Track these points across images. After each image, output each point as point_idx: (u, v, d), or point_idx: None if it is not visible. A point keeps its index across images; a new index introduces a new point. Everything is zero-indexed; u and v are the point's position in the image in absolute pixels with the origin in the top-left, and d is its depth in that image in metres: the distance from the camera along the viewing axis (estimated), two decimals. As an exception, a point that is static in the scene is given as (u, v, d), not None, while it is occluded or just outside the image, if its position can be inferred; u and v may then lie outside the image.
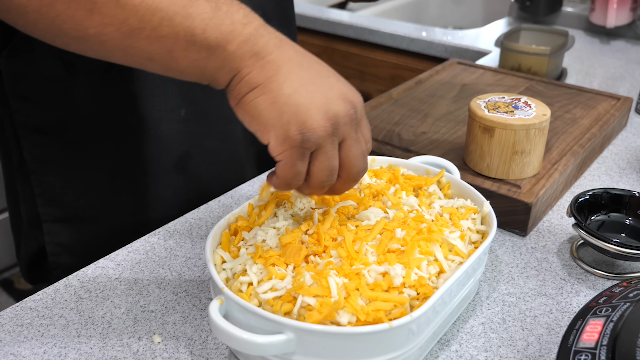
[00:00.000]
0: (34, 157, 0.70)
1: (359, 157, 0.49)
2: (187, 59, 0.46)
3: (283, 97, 0.45)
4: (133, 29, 0.44)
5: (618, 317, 0.44)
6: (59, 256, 0.75)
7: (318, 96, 0.46)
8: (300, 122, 0.45)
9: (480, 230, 0.56)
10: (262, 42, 0.46)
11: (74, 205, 0.73)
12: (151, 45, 0.45)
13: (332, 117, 0.46)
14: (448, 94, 0.94)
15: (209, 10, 0.45)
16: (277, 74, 0.45)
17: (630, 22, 1.35)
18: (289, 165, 0.46)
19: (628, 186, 0.77)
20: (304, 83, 0.46)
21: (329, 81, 0.48)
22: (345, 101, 0.47)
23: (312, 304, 0.45)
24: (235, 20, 0.46)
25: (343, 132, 0.47)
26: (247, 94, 0.46)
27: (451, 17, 1.86)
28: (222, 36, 0.45)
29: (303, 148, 0.45)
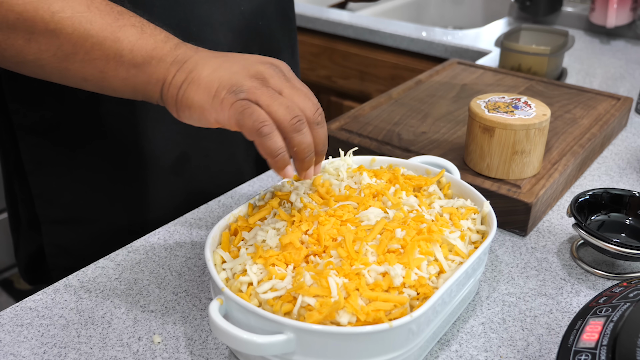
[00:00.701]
0: (31, 159, 0.70)
1: (304, 99, 0.50)
2: (118, 77, 0.51)
3: (204, 77, 0.49)
4: (68, 54, 0.50)
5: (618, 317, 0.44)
6: (58, 257, 0.75)
7: (236, 66, 0.50)
8: (227, 85, 0.48)
9: (480, 230, 0.56)
10: (180, 52, 0.51)
11: (72, 206, 0.73)
12: (85, 67, 0.51)
13: (255, 73, 0.49)
14: (448, 94, 0.94)
15: (134, 34, 0.51)
16: (195, 67, 0.50)
17: (630, 22, 1.35)
18: (241, 117, 0.47)
19: (628, 186, 0.77)
20: (220, 63, 0.50)
21: (244, 57, 0.51)
22: (264, 63, 0.51)
23: (312, 304, 0.45)
24: (157, 39, 0.51)
25: (274, 84, 0.49)
26: (177, 93, 0.50)
27: (451, 17, 1.86)
28: (147, 54, 0.50)
29: (241, 100, 0.47)
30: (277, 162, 0.49)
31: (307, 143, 0.50)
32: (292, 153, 0.50)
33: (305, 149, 0.50)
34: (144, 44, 0.51)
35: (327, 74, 1.58)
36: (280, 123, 0.48)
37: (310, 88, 0.54)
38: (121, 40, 0.50)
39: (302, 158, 0.50)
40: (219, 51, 0.53)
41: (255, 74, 0.49)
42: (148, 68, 0.51)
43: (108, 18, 0.50)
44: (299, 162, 0.51)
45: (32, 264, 0.79)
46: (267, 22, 0.79)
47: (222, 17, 0.73)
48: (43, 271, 0.78)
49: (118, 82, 0.51)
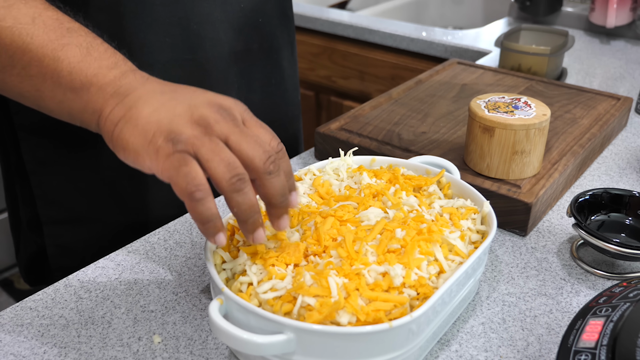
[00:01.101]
0: (33, 159, 0.70)
1: (252, 147, 0.44)
2: (54, 99, 0.47)
3: (143, 118, 0.44)
4: (4, 66, 0.47)
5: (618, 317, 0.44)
6: (60, 258, 0.75)
7: (180, 108, 0.44)
8: (165, 131, 0.43)
9: (480, 230, 0.56)
10: (125, 83, 0.46)
11: (74, 206, 0.73)
12: (22, 83, 0.48)
13: (198, 119, 0.44)
14: (448, 94, 0.94)
15: (77, 55, 0.47)
16: (135, 103, 0.45)
17: (630, 22, 1.35)
18: (175, 173, 0.42)
19: (628, 186, 0.77)
20: (164, 102, 0.45)
21: (193, 95, 0.46)
22: (211, 104, 0.45)
23: (312, 304, 0.45)
24: (102, 65, 0.47)
25: (220, 130, 0.43)
26: (113, 130, 0.45)
27: (451, 17, 1.86)
28: (87, 79, 0.46)
29: (177, 152, 0.42)
30: (207, 229, 0.44)
31: (248, 204, 0.44)
32: (234, 214, 0.45)
33: (245, 210, 0.44)
34: (85, 67, 0.46)
35: (327, 74, 1.58)
36: (219, 182, 0.43)
37: (310, 88, 0.52)
38: (61, 60, 0.46)
39: (244, 219, 0.45)
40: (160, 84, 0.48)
41: (198, 119, 0.44)
42: (85, 95, 0.46)
43: (52, 34, 0.47)
44: (242, 224, 0.45)
45: (33, 264, 0.79)
46: (267, 20, 0.79)
47: (222, 15, 0.73)
48: (44, 272, 0.78)
49: (54, 104, 0.48)
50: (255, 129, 0.46)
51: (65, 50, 0.46)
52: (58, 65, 0.46)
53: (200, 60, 0.73)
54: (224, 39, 0.74)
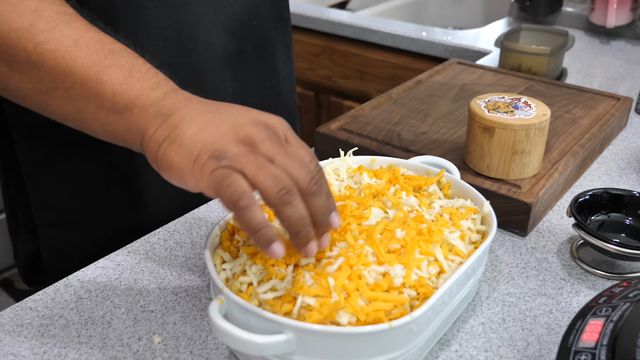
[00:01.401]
0: (27, 161, 0.70)
1: (297, 167, 0.44)
2: (97, 121, 0.47)
3: (188, 138, 0.44)
4: (48, 89, 0.47)
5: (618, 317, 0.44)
6: (54, 260, 0.75)
7: (225, 127, 0.44)
8: (210, 150, 0.43)
9: (480, 230, 0.56)
10: (167, 103, 0.46)
11: (69, 208, 0.73)
12: (65, 105, 0.47)
13: (244, 137, 0.44)
14: (448, 94, 0.94)
15: (120, 76, 0.46)
16: (179, 123, 0.45)
17: (630, 22, 1.35)
18: (219, 186, 0.42)
19: (628, 186, 0.77)
20: (208, 121, 0.45)
21: (237, 114, 0.46)
22: (256, 123, 0.45)
23: (312, 304, 0.45)
24: (145, 85, 0.47)
25: (265, 150, 0.43)
26: (158, 150, 0.45)
27: (451, 17, 1.86)
28: (130, 100, 0.46)
29: (223, 168, 0.42)
30: (259, 239, 0.43)
31: (299, 216, 0.43)
32: (285, 227, 0.44)
33: (296, 223, 0.43)
34: (128, 88, 0.46)
35: (327, 74, 1.58)
36: (267, 195, 0.42)
37: (310, 88, 0.52)
38: (104, 82, 0.46)
39: (296, 233, 0.44)
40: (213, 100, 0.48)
41: (244, 137, 0.44)
42: (129, 116, 0.46)
43: (95, 56, 0.47)
44: (293, 238, 0.45)
45: (31, 265, 0.79)
46: (261, 22, 0.79)
47: (215, 18, 0.72)
48: (42, 273, 0.78)
49: (97, 125, 0.48)
50: (297, 149, 0.46)
51: (108, 72, 0.46)
52: (101, 87, 0.46)
53: (193, 64, 0.72)
54: (217, 42, 0.73)
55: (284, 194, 0.42)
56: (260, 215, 0.43)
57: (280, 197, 0.42)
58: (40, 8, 0.47)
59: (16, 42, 0.46)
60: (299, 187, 0.44)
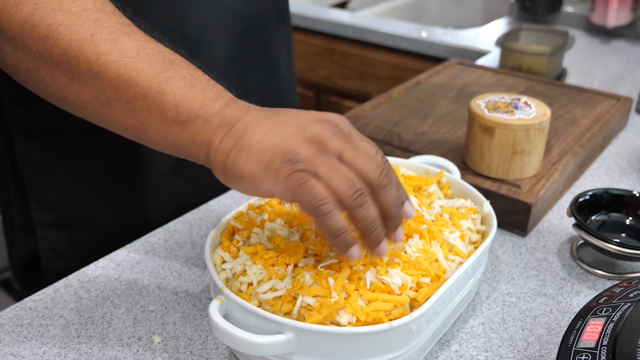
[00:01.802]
0: (27, 162, 0.70)
1: (367, 162, 0.45)
2: (159, 132, 0.47)
3: (255, 144, 0.44)
4: (109, 100, 0.46)
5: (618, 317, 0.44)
6: (53, 261, 0.74)
7: (290, 129, 0.45)
8: (281, 153, 0.43)
9: (480, 230, 0.56)
10: (229, 113, 0.46)
11: (68, 210, 0.73)
12: (125, 116, 0.47)
13: (311, 137, 0.44)
14: (448, 94, 0.94)
15: (182, 87, 0.46)
16: (244, 131, 0.45)
17: (631, 22, 1.35)
18: (299, 192, 0.43)
19: (628, 186, 0.77)
20: (272, 126, 0.45)
21: (297, 116, 0.47)
22: (320, 122, 0.45)
23: (312, 304, 0.45)
24: (206, 96, 0.47)
25: (334, 147, 0.44)
26: (226, 160, 0.45)
27: (451, 17, 1.86)
28: (193, 111, 0.46)
29: (298, 172, 0.43)
30: (338, 244, 0.44)
31: (372, 218, 0.44)
32: (358, 229, 0.45)
33: (369, 224, 0.44)
34: (191, 99, 0.46)
35: (327, 74, 1.58)
36: (342, 199, 0.43)
37: (310, 88, 0.52)
38: (167, 93, 0.46)
39: (369, 234, 0.45)
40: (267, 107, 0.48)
41: (311, 137, 0.44)
42: (192, 127, 0.46)
43: (157, 67, 0.46)
44: (366, 239, 0.45)
45: (26, 268, 0.78)
46: (263, 23, 0.79)
47: (218, 20, 0.72)
48: (37, 275, 0.77)
49: (158, 137, 0.47)
50: (361, 143, 0.46)
51: (171, 83, 0.46)
52: (164, 98, 0.46)
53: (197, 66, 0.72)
54: (220, 44, 0.73)
55: (357, 197, 0.43)
56: (340, 221, 0.43)
57: (354, 200, 0.43)
58: (101, 18, 0.47)
59: (78, 53, 0.46)
60: (370, 182, 0.44)
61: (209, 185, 0.79)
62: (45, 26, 0.46)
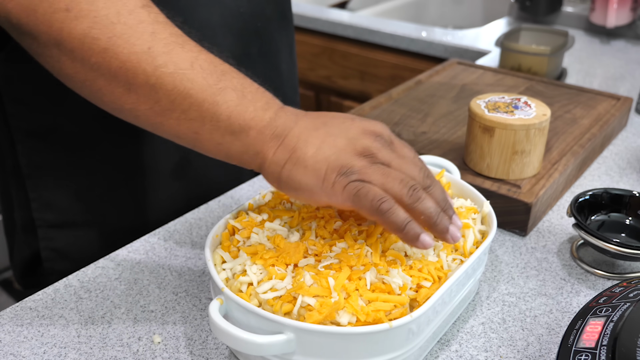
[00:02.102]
0: (29, 162, 0.70)
1: (412, 167, 0.48)
2: (212, 141, 0.49)
3: (310, 158, 0.47)
4: (164, 110, 0.48)
5: (618, 317, 0.44)
6: (54, 262, 0.74)
7: (340, 142, 0.48)
8: (336, 167, 0.46)
9: (480, 230, 0.56)
10: (280, 123, 0.48)
11: (70, 210, 0.73)
12: (180, 125, 0.49)
13: (362, 150, 0.47)
14: (448, 94, 0.94)
15: (234, 98, 0.48)
16: (297, 144, 0.47)
17: (631, 22, 1.35)
18: (357, 198, 0.46)
19: (628, 186, 0.77)
20: (323, 139, 0.48)
21: (344, 126, 0.49)
22: (366, 134, 0.49)
23: (312, 304, 0.45)
24: (257, 107, 0.49)
25: (382, 158, 0.48)
26: (281, 172, 0.48)
27: (451, 17, 1.86)
28: (245, 122, 0.48)
29: (353, 182, 0.46)
30: (407, 235, 0.46)
31: (432, 207, 0.47)
32: (422, 223, 0.47)
33: (432, 213, 0.47)
34: (243, 111, 0.48)
35: (327, 74, 1.58)
36: (399, 198, 0.46)
37: (310, 88, 0.53)
38: (220, 104, 0.47)
39: (434, 222, 0.48)
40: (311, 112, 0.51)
41: (362, 150, 0.47)
42: (245, 138, 0.48)
43: (210, 78, 0.48)
44: (434, 228, 0.48)
45: (27, 268, 0.78)
46: (265, 24, 0.79)
47: (221, 19, 0.72)
48: (39, 276, 0.77)
49: (212, 145, 0.49)
50: (404, 150, 0.50)
51: (223, 95, 0.48)
52: (217, 109, 0.47)
53: None
54: (223, 44, 0.73)
55: (413, 193, 0.46)
56: (403, 214, 0.46)
57: (411, 196, 0.46)
58: (157, 31, 0.48)
59: (136, 65, 0.47)
60: (417, 181, 0.48)
61: (211, 187, 0.79)
62: (105, 39, 0.47)
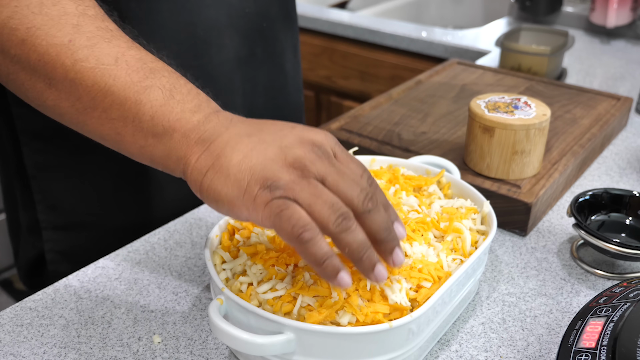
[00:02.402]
0: (34, 164, 0.70)
1: (350, 186, 0.42)
2: (135, 144, 0.45)
3: (234, 167, 0.42)
4: (86, 108, 0.45)
5: (618, 317, 0.44)
6: (59, 264, 0.74)
7: (271, 150, 0.42)
8: (260, 179, 0.41)
9: (480, 230, 0.56)
10: (209, 127, 0.44)
11: (74, 211, 0.73)
12: (102, 125, 0.46)
13: (293, 161, 0.42)
14: (448, 94, 0.94)
15: (160, 98, 0.44)
16: (223, 151, 0.43)
17: (631, 22, 1.35)
18: (278, 220, 0.40)
19: (628, 186, 0.77)
20: (253, 147, 0.43)
21: (281, 134, 0.44)
22: (303, 143, 0.43)
23: (312, 304, 0.45)
24: (185, 108, 0.45)
25: (317, 171, 0.42)
26: (202, 181, 0.43)
27: (451, 17, 1.86)
28: (169, 124, 0.44)
29: (277, 198, 0.40)
30: (325, 270, 0.41)
31: (359, 241, 0.41)
32: (347, 256, 0.42)
33: (357, 248, 0.41)
34: (168, 111, 0.44)
35: (327, 74, 1.58)
36: (326, 225, 0.41)
37: (310, 88, 0.51)
38: (143, 103, 0.44)
39: (359, 258, 0.42)
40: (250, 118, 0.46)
41: (293, 161, 0.42)
42: (168, 141, 0.44)
43: (135, 76, 0.44)
44: (359, 265, 0.42)
45: (32, 269, 0.78)
46: (271, 24, 0.79)
47: (227, 20, 0.72)
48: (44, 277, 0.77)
49: (135, 148, 0.46)
50: (347, 165, 0.44)
51: (148, 93, 0.44)
52: (140, 108, 0.44)
53: (206, 67, 0.72)
54: (229, 45, 0.73)
55: (341, 222, 0.41)
56: (325, 246, 0.41)
57: (338, 226, 0.41)
58: (81, 23, 0.46)
59: (54, 58, 0.44)
60: (354, 207, 0.42)
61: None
62: (24, 30, 0.45)
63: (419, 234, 0.53)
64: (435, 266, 0.49)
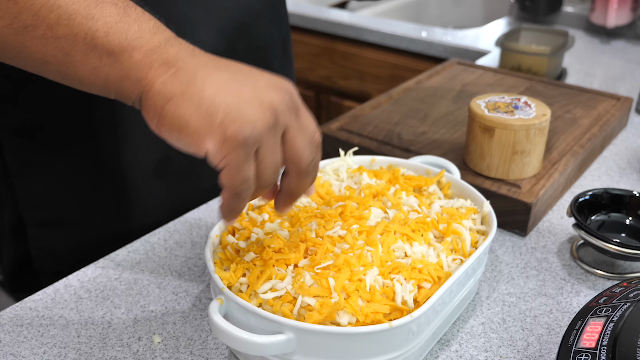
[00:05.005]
0: (16, 161, 0.69)
1: (305, 146, 0.44)
2: (87, 65, 0.41)
3: (207, 99, 0.40)
4: (26, 26, 0.40)
5: (618, 317, 0.44)
6: (44, 261, 0.73)
7: (245, 90, 0.41)
8: (236, 118, 0.40)
9: (480, 230, 0.56)
10: (172, 51, 0.42)
11: (57, 208, 0.71)
12: (46, 46, 0.41)
13: (268, 106, 0.41)
14: (448, 94, 0.94)
15: (114, 14, 0.41)
16: (194, 79, 0.41)
17: (631, 22, 1.35)
18: (235, 170, 0.41)
19: (628, 186, 0.77)
20: (226, 81, 0.41)
21: (252, 75, 0.43)
22: (277, 89, 0.43)
23: (312, 304, 0.45)
24: (143, 27, 0.42)
25: (284, 122, 0.42)
26: (165, 106, 0.40)
27: (451, 17, 1.86)
28: (128, 42, 0.41)
29: (247, 146, 0.40)
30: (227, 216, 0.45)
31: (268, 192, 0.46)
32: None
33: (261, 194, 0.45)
34: (125, 28, 0.41)
35: (327, 74, 1.58)
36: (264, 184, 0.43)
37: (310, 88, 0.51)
38: (96, 18, 0.40)
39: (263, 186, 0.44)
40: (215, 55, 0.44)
41: (267, 106, 0.41)
42: (127, 60, 0.41)
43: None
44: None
45: (16, 270, 0.77)
46: (254, 19, 0.77)
47: (202, 14, 0.70)
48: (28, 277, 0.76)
49: (86, 70, 0.41)
50: (306, 120, 0.45)
51: (101, 8, 0.40)
52: (93, 24, 0.40)
53: None
54: (205, 39, 0.71)
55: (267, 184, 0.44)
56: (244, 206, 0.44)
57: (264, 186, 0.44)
58: None
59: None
60: (299, 165, 0.44)
61: (195, 185, 0.77)
62: None
63: (419, 234, 0.53)
64: (435, 266, 0.49)
